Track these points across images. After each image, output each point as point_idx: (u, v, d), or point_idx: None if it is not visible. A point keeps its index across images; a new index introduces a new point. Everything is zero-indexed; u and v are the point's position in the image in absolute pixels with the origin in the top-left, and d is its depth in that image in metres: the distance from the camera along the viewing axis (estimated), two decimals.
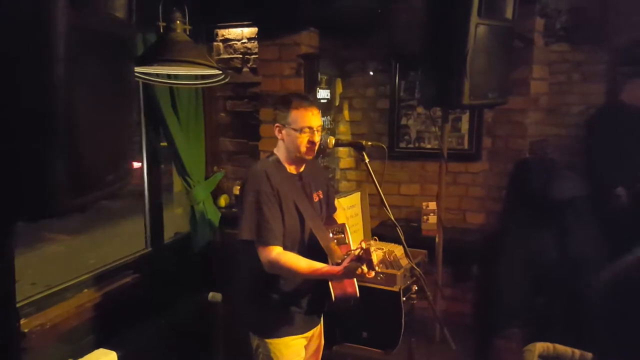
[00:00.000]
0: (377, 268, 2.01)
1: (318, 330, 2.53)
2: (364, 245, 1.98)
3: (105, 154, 1.33)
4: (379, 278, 2.10)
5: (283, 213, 2.21)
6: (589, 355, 1.02)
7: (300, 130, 2.21)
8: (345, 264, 2.05)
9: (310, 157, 2.30)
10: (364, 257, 1.98)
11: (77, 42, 1.10)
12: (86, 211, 1.38)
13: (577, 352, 1.08)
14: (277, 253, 2.15)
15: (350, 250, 2.11)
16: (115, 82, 1.37)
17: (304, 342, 2.40)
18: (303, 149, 2.23)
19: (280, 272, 2.20)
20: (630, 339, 0.78)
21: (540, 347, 1.09)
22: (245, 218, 2.18)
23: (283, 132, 2.25)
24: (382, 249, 3.27)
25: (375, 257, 2.00)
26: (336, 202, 2.67)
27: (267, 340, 2.31)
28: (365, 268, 2.00)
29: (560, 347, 1.09)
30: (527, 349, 1.09)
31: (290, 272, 2.19)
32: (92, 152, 1.24)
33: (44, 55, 1.01)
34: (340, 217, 2.61)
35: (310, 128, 2.22)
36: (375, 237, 2.18)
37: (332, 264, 2.16)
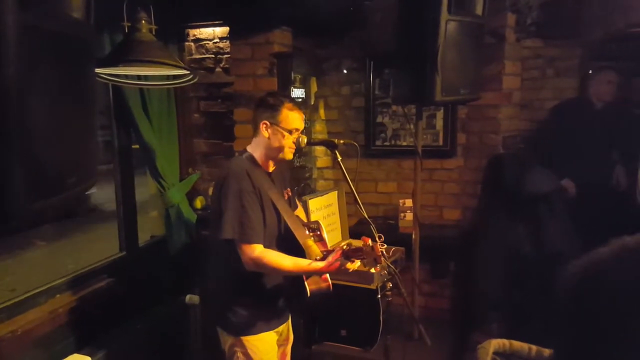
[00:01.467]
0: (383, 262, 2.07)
1: (287, 325, 2.55)
2: (370, 242, 2.02)
3: (65, 157, 1.30)
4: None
5: (264, 211, 2.22)
6: (546, 351, 1.02)
7: (290, 132, 2.25)
8: (331, 259, 2.08)
9: (290, 158, 2.34)
10: (370, 253, 2.01)
11: (29, 43, 1.07)
12: (46, 216, 1.35)
13: (534, 348, 1.07)
14: (260, 251, 2.16)
15: (339, 246, 2.13)
16: (73, 83, 1.34)
17: (276, 336, 2.42)
18: (287, 149, 2.27)
19: (263, 270, 2.20)
20: (590, 339, 0.78)
21: (495, 343, 1.08)
22: (227, 217, 2.15)
23: (270, 130, 2.25)
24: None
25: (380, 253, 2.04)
26: (297, 201, 2.71)
27: (243, 338, 2.30)
28: (351, 265, 2.10)
29: (517, 344, 1.09)
30: (481, 347, 1.08)
31: (274, 270, 2.20)
32: (50, 156, 1.21)
33: None
34: (300, 214, 2.63)
35: (298, 130, 2.28)
36: (381, 237, 2.17)
37: (313, 260, 2.18)
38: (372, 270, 2.13)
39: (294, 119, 2.27)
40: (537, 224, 3.40)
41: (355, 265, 2.16)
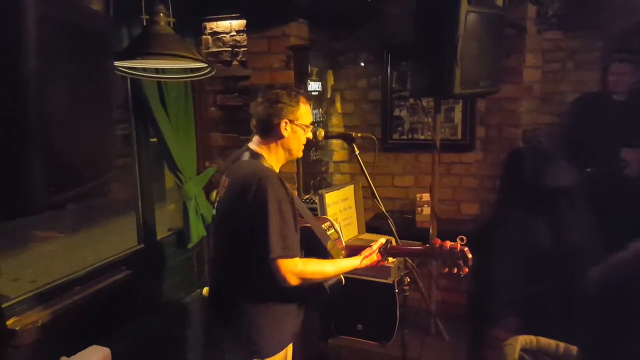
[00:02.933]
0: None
1: None
2: (458, 246, 2.04)
3: (83, 150, 1.31)
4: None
5: (295, 219, 2.02)
6: (574, 348, 1.00)
7: (308, 127, 2.13)
8: (376, 258, 2.10)
9: (301, 157, 2.24)
10: (459, 255, 2.04)
11: (49, 35, 1.07)
12: (65, 208, 1.36)
13: (562, 345, 1.05)
14: (303, 263, 1.98)
15: (374, 242, 2.12)
16: (92, 76, 1.34)
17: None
18: (302, 147, 2.16)
19: (306, 282, 2.01)
20: (617, 337, 0.76)
21: (522, 340, 1.06)
22: (273, 233, 1.90)
23: (288, 128, 2.08)
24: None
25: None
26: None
27: (269, 359, 2.12)
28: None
29: (544, 340, 1.06)
30: (507, 343, 1.06)
31: (318, 279, 2.07)
32: (68, 149, 1.22)
33: (14, 50, 0.99)
34: None
35: (312, 124, 2.17)
36: (463, 238, 2.14)
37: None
38: (462, 273, 2.10)
39: (309, 113, 2.15)
40: (556, 219, 3.35)
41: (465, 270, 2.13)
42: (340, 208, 3.56)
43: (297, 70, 3.56)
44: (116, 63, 2.24)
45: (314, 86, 3.94)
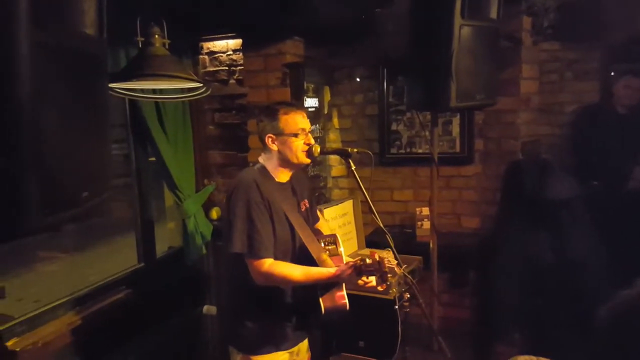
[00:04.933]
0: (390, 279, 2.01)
1: (305, 345, 2.46)
2: (376, 257, 1.97)
3: (78, 172, 1.31)
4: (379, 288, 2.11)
5: (274, 223, 2.16)
6: None
7: (296, 135, 2.19)
8: (343, 267, 2.07)
9: (309, 162, 2.28)
10: (377, 269, 1.98)
11: (43, 59, 1.08)
12: (60, 229, 1.36)
13: None
14: (270, 264, 2.10)
15: (358, 261, 2.08)
16: (86, 98, 1.35)
17: (288, 356, 2.33)
18: (300, 154, 2.21)
19: (273, 282, 2.15)
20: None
21: None
22: (236, 230, 2.10)
23: (276, 142, 2.21)
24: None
25: (392, 268, 2.01)
26: (319, 212, 2.64)
27: (253, 357, 2.24)
28: (369, 279, 2.09)
29: None
30: None
31: (285, 282, 2.16)
32: (64, 170, 1.22)
33: (7, 74, 0.99)
34: (323, 227, 2.56)
35: (304, 130, 2.22)
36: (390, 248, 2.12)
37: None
38: (379, 288, 2.07)
39: (294, 121, 2.20)
40: (558, 232, 3.33)
41: (371, 281, 2.12)
42: (339, 223, 3.56)
43: (293, 87, 3.58)
44: (114, 84, 2.26)
45: (310, 102, 3.96)
